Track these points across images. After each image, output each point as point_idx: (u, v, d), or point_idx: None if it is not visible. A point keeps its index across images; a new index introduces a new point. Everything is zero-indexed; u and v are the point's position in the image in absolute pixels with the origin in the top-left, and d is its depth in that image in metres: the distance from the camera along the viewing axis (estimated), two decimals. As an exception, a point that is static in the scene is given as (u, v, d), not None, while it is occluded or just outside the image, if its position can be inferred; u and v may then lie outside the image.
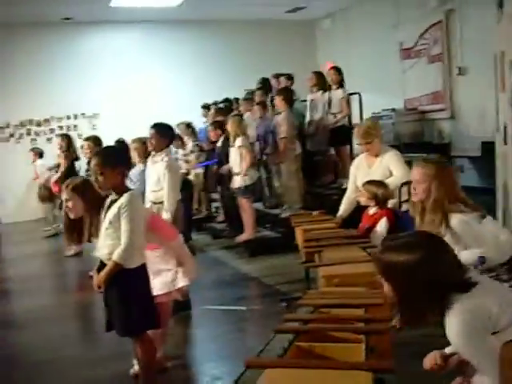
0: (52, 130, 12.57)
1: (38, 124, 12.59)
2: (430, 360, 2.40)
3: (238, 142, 7.27)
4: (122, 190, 3.52)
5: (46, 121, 12.62)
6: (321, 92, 8.06)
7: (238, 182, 7.37)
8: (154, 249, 4.04)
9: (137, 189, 5.63)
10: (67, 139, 8.48)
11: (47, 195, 10.09)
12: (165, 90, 12.57)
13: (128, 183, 4.00)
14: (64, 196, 3.81)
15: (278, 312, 5.26)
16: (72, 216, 3.81)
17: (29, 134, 12.55)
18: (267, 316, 5.25)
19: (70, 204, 3.76)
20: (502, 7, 4.68)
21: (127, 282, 3.51)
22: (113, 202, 3.51)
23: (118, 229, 3.44)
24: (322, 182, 8.39)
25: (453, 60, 10.11)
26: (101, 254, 3.57)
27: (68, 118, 12.67)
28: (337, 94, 7.88)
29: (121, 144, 3.56)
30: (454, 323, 2.04)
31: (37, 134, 12.57)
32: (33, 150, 11.17)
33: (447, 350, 2.48)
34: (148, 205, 5.49)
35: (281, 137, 7.55)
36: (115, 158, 3.57)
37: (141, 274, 3.59)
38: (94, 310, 5.96)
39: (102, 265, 3.58)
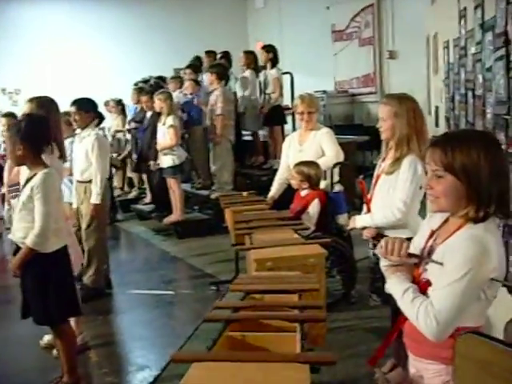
0: (-31, 105, 11.82)
1: (-46, 98, 11.84)
2: (394, 244, 1.89)
3: (169, 120, 6.97)
4: (35, 166, 3.25)
5: (-38, 95, 11.88)
6: (250, 71, 7.88)
7: (166, 161, 7.10)
8: None
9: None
10: None
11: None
12: (92, 67, 12.00)
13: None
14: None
15: (208, 296, 5.13)
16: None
17: None
18: (196, 301, 5.09)
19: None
20: (437, -12, 4.64)
21: (44, 267, 3.26)
22: (28, 179, 3.24)
23: (32, 210, 3.17)
24: (252, 162, 8.24)
25: (383, 44, 10.18)
26: (15, 237, 3.30)
27: (-13, 92, 11.95)
28: (271, 73, 7.72)
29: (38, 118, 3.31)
30: (468, 238, 1.77)
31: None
32: None
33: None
34: (75, 185, 5.21)
35: (217, 113, 7.32)
36: (23, 132, 3.26)
37: (59, 259, 3.35)
38: (10, 294, 5.62)
39: (18, 248, 3.31)
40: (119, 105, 9.48)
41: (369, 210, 3.39)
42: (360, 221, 3.43)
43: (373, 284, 3.54)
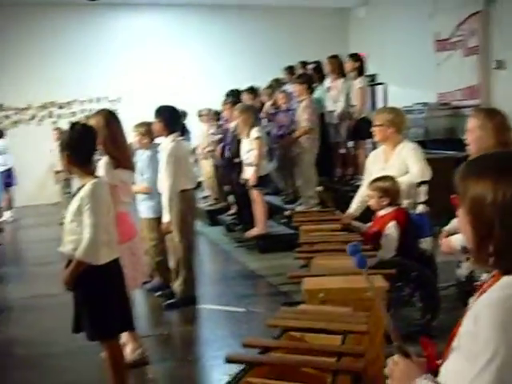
0: (73, 114, 12.24)
1: (60, 107, 12.35)
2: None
3: (254, 133, 6.78)
4: (83, 176, 3.18)
5: (69, 103, 12.36)
6: (342, 80, 7.48)
7: (249, 172, 6.93)
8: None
9: (148, 177, 5.33)
10: None
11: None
12: (190, 76, 12.20)
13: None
14: None
15: (278, 317, 4.87)
16: None
17: (50, 116, 12.32)
18: (265, 320, 4.81)
19: None
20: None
21: (95, 280, 3.14)
22: (78, 189, 3.16)
23: (82, 222, 3.07)
24: (342, 176, 7.85)
25: (490, 53, 9.50)
26: (66, 249, 3.20)
27: (90, 101, 12.31)
28: (355, 83, 7.30)
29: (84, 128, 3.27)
30: (491, 301, 1.30)
31: (59, 116, 12.29)
32: (57, 129, 10.75)
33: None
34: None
35: (302, 126, 7.05)
36: (65, 142, 3.22)
37: (111, 271, 3.22)
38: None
39: (70, 261, 3.21)
40: (214, 114, 9.42)
41: None
42: (457, 241, 3.17)
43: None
